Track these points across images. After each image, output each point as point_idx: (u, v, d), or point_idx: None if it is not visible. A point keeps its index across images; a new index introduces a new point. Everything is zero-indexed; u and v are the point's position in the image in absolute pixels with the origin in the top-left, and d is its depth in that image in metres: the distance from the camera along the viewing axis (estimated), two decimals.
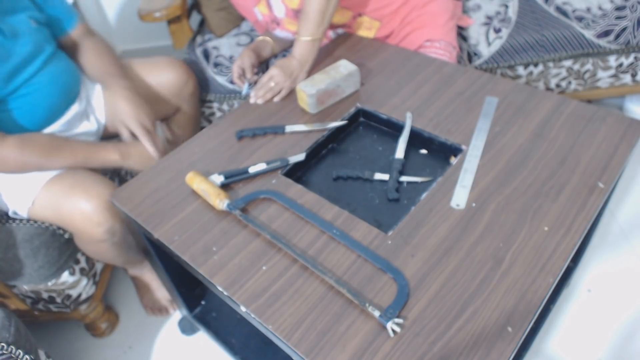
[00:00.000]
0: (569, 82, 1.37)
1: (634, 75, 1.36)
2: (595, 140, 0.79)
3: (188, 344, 1.15)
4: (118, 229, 0.94)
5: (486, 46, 1.28)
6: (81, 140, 0.97)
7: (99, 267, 1.14)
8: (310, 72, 0.98)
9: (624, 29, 1.25)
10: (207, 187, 0.76)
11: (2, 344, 0.75)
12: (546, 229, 0.67)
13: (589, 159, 0.76)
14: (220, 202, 0.74)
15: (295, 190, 0.78)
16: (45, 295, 1.04)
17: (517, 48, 1.28)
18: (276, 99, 0.96)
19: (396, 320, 0.58)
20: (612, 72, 1.34)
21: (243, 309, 0.63)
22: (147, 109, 1.01)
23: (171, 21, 1.38)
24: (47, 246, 0.96)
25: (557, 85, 1.39)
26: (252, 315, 0.62)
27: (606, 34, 1.26)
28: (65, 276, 1.02)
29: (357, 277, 0.64)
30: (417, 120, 0.87)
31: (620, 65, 1.32)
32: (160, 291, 1.20)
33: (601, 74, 1.35)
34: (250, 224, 0.72)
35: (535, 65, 1.32)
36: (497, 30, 1.29)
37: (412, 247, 0.67)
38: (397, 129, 0.89)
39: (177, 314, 1.21)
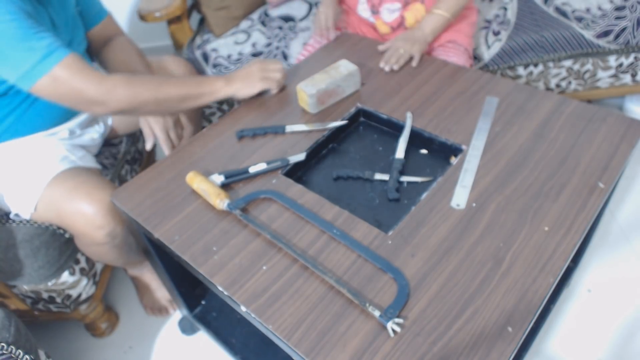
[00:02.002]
0: (569, 82, 1.37)
1: (634, 75, 1.36)
2: (596, 141, 0.79)
3: (188, 344, 1.15)
4: (119, 232, 0.94)
5: (486, 49, 1.28)
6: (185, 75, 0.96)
7: (99, 267, 1.14)
8: (310, 73, 0.98)
9: (623, 29, 1.25)
10: (208, 187, 0.76)
11: (2, 344, 0.74)
12: (546, 229, 0.67)
13: (589, 159, 0.76)
14: (221, 202, 0.74)
15: (295, 190, 0.78)
16: (45, 295, 1.03)
17: (517, 49, 1.28)
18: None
19: (396, 320, 0.58)
20: (612, 72, 1.34)
21: (243, 308, 0.63)
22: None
23: (171, 21, 1.38)
24: (47, 246, 0.96)
25: (557, 85, 1.39)
26: (253, 315, 0.62)
27: (606, 34, 1.26)
28: (65, 276, 1.02)
29: (358, 277, 0.64)
30: (418, 120, 0.87)
31: (620, 65, 1.32)
32: (160, 291, 1.20)
33: (601, 74, 1.35)
34: (251, 224, 0.72)
35: (535, 65, 1.32)
36: (496, 33, 1.29)
37: (413, 247, 0.67)
38: (398, 128, 0.89)
39: (177, 314, 1.21)
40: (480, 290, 0.61)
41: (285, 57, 1.31)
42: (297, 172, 0.85)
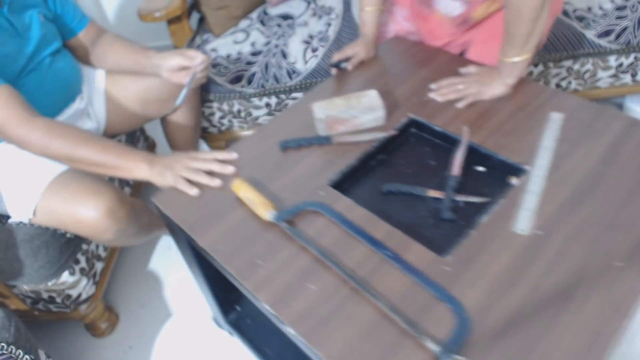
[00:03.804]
0: (569, 82, 1.34)
1: (634, 75, 1.32)
2: None
3: (188, 344, 1.15)
4: (126, 227, 0.93)
5: None
6: (109, 146, 0.89)
7: (99, 267, 1.13)
8: (352, 84, 0.94)
9: (624, 29, 1.22)
10: (254, 197, 0.73)
11: (2, 344, 0.74)
12: (620, 264, 0.62)
13: None
14: (267, 212, 0.71)
15: (343, 203, 0.74)
16: (45, 295, 1.03)
17: None
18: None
19: (457, 357, 0.54)
20: (612, 72, 1.31)
21: (290, 330, 0.60)
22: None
23: (171, 21, 1.37)
24: (47, 246, 0.95)
25: (557, 85, 1.35)
26: (301, 338, 0.59)
27: (607, 33, 1.22)
28: (65, 276, 1.01)
29: (413, 305, 0.60)
30: (474, 135, 0.82)
31: (620, 65, 1.29)
32: None
33: (601, 74, 1.31)
34: (297, 238, 0.69)
35: (536, 65, 1.28)
36: None
37: (472, 276, 0.62)
38: (451, 142, 0.84)
39: (179, 316, 1.20)
40: (550, 329, 0.56)
41: (284, 55, 1.28)
42: (343, 184, 0.81)
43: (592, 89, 1.36)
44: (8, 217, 0.96)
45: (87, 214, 0.88)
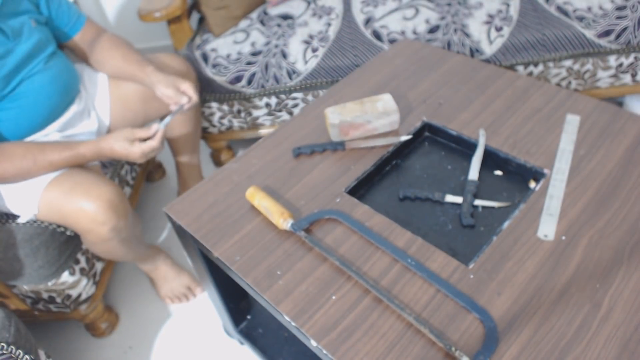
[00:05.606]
0: (569, 82, 1.33)
1: (634, 75, 1.32)
2: None
3: (188, 344, 1.14)
4: (123, 225, 0.93)
5: (488, 44, 1.23)
6: (59, 144, 0.93)
7: (99, 267, 1.12)
8: (358, 89, 0.93)
9: (624, 29, 1.21)
10: (270, 205, 0.72)
11: (2, 344, 0.73)
12: None
13: None
14: (284, 221, 0.70)
15: (361, 211, 0.73)
16: (45, 295, 1.02)
17: (519, 47, 1.24)
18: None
19: None
20: (612, 72, 1.30)
21: (314, 343, 0.59)
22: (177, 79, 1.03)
23: (171, 21, 1.36)
24: (46, 246, 0.95)
25: (557, 85, 1.33)
26: (324, 352, 0.58)
27: (607, 33, 1.22)
28: (65, 276, 1.00)
29: (438, 315, 0.59)
30: (491, 138, 0.81)
31: (620, 65, 1.28)
32: (178, 279, 1.19)
33: (601, 73, 1.31)
34: (316, 247, 0.68)
35: (536, 65, 1.28)
36: (499, 29, 1.23)
37: (498, 284, 0.61)
38: (467, 146, 0.83)
39: (179, 316, 1.18)
40: (578, 337, 0.55)
41: (284, 55, 1.27)
42: (359, 190, 0.80)
43: (592, 89, 1.35)
44: (8, 217, 0.95)
45: (88, 204, 0.88)
